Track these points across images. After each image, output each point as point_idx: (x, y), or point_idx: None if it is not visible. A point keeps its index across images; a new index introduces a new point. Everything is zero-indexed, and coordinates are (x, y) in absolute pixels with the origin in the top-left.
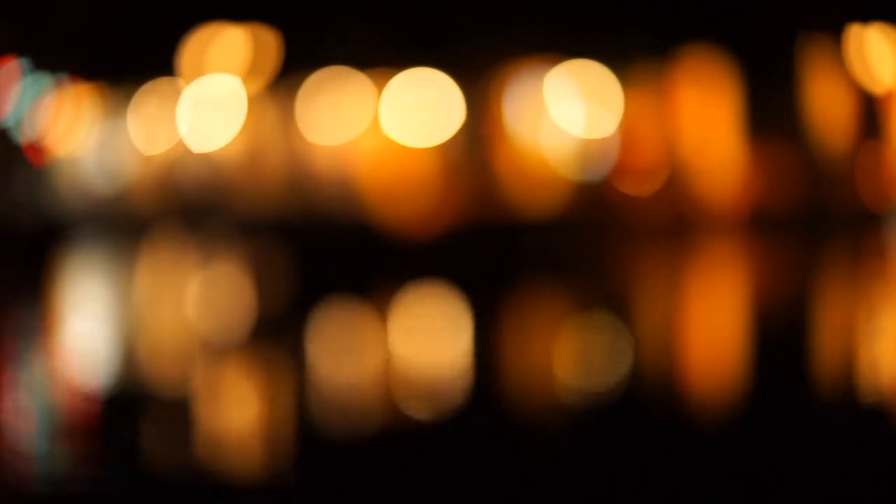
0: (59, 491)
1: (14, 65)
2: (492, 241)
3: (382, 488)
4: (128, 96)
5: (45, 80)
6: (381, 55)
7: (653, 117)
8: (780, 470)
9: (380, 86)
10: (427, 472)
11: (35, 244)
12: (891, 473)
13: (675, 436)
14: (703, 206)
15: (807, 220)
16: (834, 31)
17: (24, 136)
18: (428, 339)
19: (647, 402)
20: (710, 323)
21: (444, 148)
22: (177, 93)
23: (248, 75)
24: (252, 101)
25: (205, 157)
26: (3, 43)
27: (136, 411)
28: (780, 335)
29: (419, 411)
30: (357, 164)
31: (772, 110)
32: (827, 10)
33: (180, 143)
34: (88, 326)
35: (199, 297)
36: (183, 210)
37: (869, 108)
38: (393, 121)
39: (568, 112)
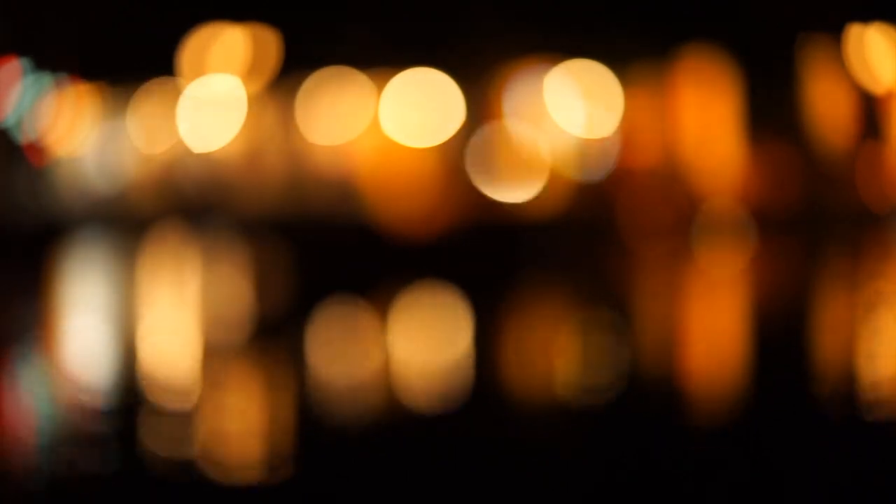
0: (60, 490)
1: (14, 65)
2: (492, 241)
3: (383, 488)
4: (128, 96)
5: (45, 80)
6: (381, 55)
7: (653, 117)
8: (779, 469)
9: (380, 86)
10: (428, 471)
11: (35, 244)
12: (891, 473)
13: (675, 435)
14: (703, 206)
15: (807, 220)
16: (834, 31)
17: (24, 136)
18: (428, 339)
19: (648, 403)
20: (710, 323)
21: (444, 148)
22: (177, 93)
23: (248, 75)
24: (252, 101)
25: (205, 157)
26: (3, 43)
27: (136, 412)
28: (780, 335)
29: (419, 411)
30: (357, 164)
31: (772, 110)
32: (827, 10)
33: (180, 143)
34: (88, 326)
35: (199, 298)
36: (183, 210)
37: (869, 108)
38: (393, 121)
39: (568, 112)
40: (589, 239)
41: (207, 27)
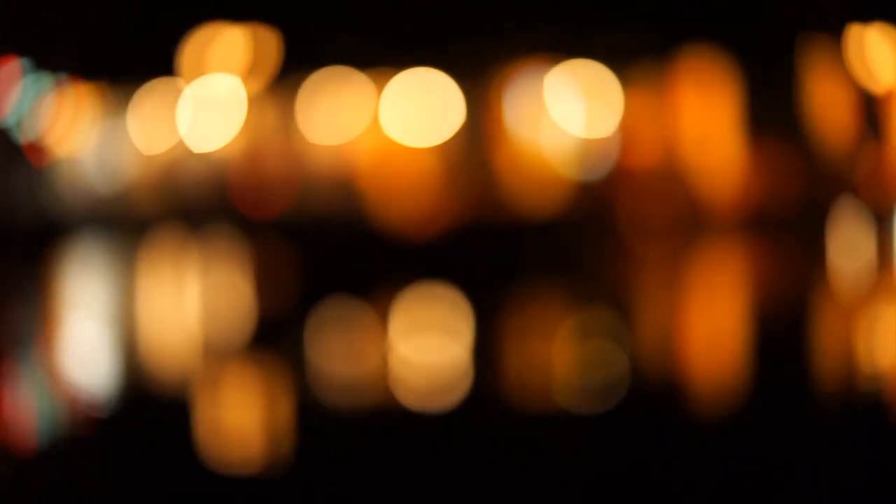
0: (59, 490)
1: (14, 65)
2: (492, 241)
3: (383, 489)
4: (128, 96)
5: (45, 80)
6: (381, 55)
7: (653, 117)
8: (779, 469)
9: (380, 86)
10: (427, 472)
11: (35, 244)
12: (891, 473)
13: (675, 436)
14: (703, 206)
15: (807, 220)
16: (834, 31)
17: (24, 136)
18: (428, 339)
19: (647, 403)
20: (710, 323)
21: (444, 148)
22: (177, 93)
23: (248, 75)
24: (252, 101)
25: (205, 157)
26: (3, 43)
27: (136, 412)
28: (780, 335)
29: (419, 411)
30: (357, 164)
31: (772, 110)
32: (827, 10)
33: (180, 143)
34: (88, 327)
35: (199, 298)
36: (183, 210)
37: (869, 108)
38: (393, 121)
39: (568, 112)
40: (589, 239)
41: (207, 27)
